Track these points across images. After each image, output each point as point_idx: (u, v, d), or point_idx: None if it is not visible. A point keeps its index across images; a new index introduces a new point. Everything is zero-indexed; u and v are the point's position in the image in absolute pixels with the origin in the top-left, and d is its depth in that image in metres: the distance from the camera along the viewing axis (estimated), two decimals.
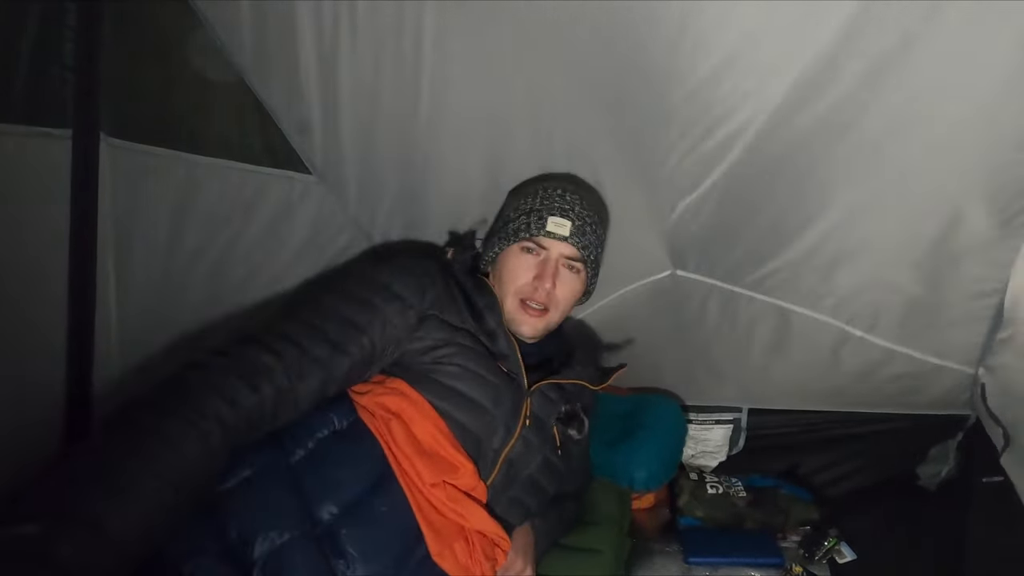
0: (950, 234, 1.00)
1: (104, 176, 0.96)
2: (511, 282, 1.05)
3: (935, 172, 0.94)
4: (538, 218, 1.03)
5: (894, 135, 0.91)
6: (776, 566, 1.26)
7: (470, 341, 0.99)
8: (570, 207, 1.05)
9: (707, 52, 0.85)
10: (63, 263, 0.96)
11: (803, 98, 0.88)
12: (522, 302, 1.05)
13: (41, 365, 0.98)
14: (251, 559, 0.77)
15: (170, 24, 0.96)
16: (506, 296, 1.06)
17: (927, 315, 1.16)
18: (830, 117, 0.90)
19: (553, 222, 1.03)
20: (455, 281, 1.06)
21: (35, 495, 0.63)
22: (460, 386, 0.95)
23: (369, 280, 0.97)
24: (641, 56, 0.88)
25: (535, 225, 1.03)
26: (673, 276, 1.28)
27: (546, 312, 1.06)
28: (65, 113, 0.90)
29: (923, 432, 1.47)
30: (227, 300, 1.16)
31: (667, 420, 1.46)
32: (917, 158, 0.93)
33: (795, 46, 0.83)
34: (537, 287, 1.03)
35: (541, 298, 1.04)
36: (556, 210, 1.04)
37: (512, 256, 1.06)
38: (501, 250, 1.07)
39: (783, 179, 1.00)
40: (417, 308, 0.96)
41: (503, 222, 1.09)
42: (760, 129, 0.93)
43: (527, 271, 1.04)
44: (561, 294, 1.06)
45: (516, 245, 1.05)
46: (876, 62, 0.82)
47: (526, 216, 1.04)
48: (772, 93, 0.88)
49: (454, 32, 0.93)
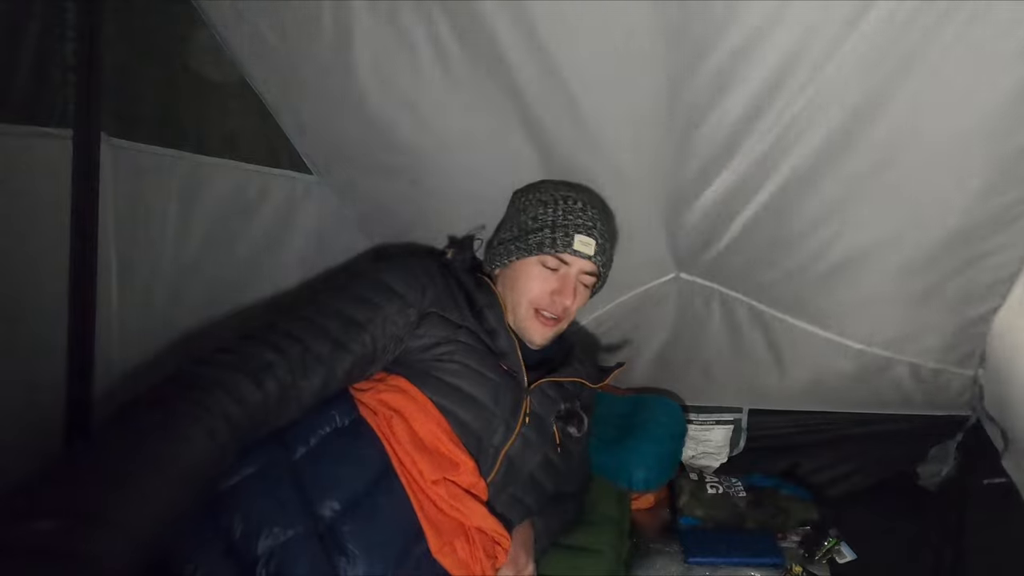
0: (951, 243, 1.01)
1: (105, 176, 0.95)
2: (527, 292, 1.05)
3: (936, 183, 0.94)
4: (564, 235, 1.03)
5: (897, 146, 0.91)
6: (776, 566, 1.26)
7: (470, 339, 1.00)
8: (593, 225, 1.05)
9: (712, 62, 0.85)
10: (63, 263, 0.95)
11: (810, 111, 0.88)
12: (536, 311, 1.06)
13: (41, 365, 0.97)
14: (255, 555, 0.78)
15: (171, 24, 0.96)
16: (519, 304, 1.06)
17: (926, 324, 1.16)
18: (835, 129, 0.90)
19: (580, 241, 1.03)
20: (455, 280, 1.06)
21: (46, 492, 0.63)
22: (461, 383, 0.96)
23: (370, 279, 0.97)
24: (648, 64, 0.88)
25: (561, 242, 1.03)
26: (677, 279, 1.28)
27: (558, 322, 1.07)
28: (66, 113, 0.90)
29: (923, 432, 1.47)
30: (228, 300, 1.16)
31: (667, 420, 1.46)
32: (919, 169, 0.93)
33: (801, 55, 0.83)
34: (555, 301, 1.05)
35: (557, 311, 1.05)
36: (582, 228, 1.04)
37: (531, 266, 1.06)
38: (519, 259, 1.07)
39: (787, 189, 1.00)
40: (417, 306, 0.97)
41: (521, 230, 1.07)
42: (767, 140, 0.93)
43: (546, 283, 1.05)
44: (574, 307, 1.07)
45: (537, 257, 1.05)
46: (879, 75, 0.82)
47: (551, 231, 1.04)
48: (778, 104, 0.88)
49: (454, 32, 0.93)
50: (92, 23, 0.89)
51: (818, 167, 0.95)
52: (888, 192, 0.97)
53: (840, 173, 0.95)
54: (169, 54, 0.97)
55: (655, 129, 0.97)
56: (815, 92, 0.85)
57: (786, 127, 0.90)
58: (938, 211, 0.98)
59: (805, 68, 0.83)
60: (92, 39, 0.89)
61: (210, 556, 0.76)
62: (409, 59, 0.97)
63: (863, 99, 0.85)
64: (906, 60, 0.80)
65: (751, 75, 0.85)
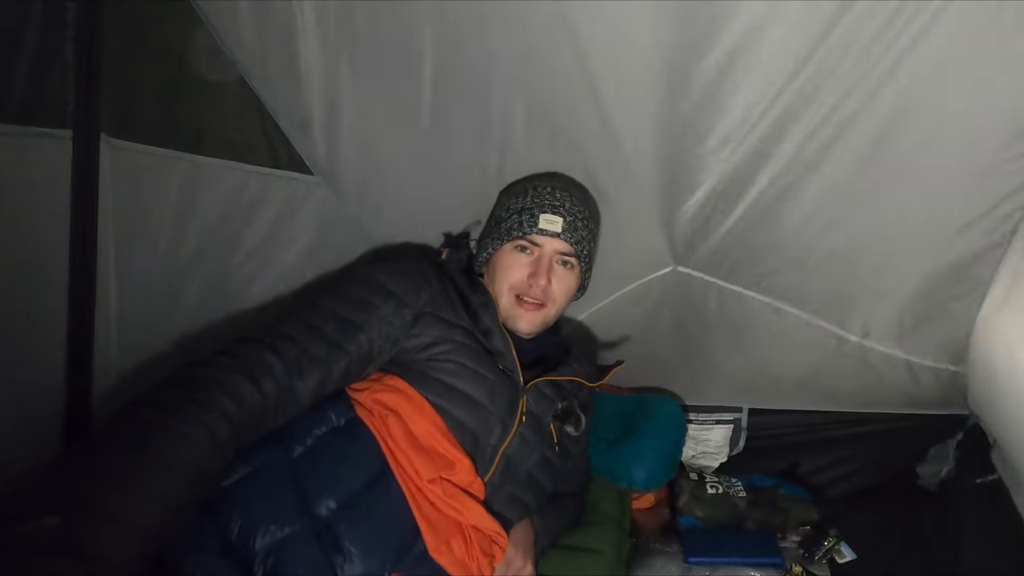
0: (947, 236, 1.01)
1: (105, 176, 0.95)
2: (505, 280, 1.06)
3: (932, 175, 0.94)
4: (529, 216, 1.04)
5: (893, 136, 0.91)
6: (776, 566, 1.26)
7: (466, 338, 1.00)
8: (560, 203, 1.06)
9: (711, 55, 0.85)
10: (63, 263, 0.95)
11: (805, 99, 0.88)
12: (517, 297, 1.06)
13: (41, 365, 0.97)
14: (252, 553, 0.78)
15: (171, 24, 0.96)
16: (501, 293, 1.07)
17: (922, 318, 1.16)
18: (831, 118, 0.90)
19: (545, 219, 1.04)
20: (450, 280, 1.07)
21: (50, 490, 0.63)
22: (457, 383, 0.96)
23: (365, 280, 0.99)
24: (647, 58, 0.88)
25: (527, 223, 1.04)
26: (675, 272, 1.29)
27: (543, 307, 1.07)
28: (65, 113, 0.90)
29: (923, 432, 1.47)
30: (228, 301, 1.16)
31: (667, 420, 1.46)
32: (913, 160, 0.93)
33: (796, 47, 0.83)
34: (532, 284, 1.05)
35: (537, 295, 1.05)
36: (547, 207, 1.05)
37: (505, 255, 1.07)
38: (495, 250, 1.08)
39: (784, 179, 1.00)
40: (413, 306, 0.98)
41: (495, 222, 1.10)
42: (763, 131, 0.93)
43: (521, 269, 1.05)
44: (557, 290, 1.07)
45: (509, 244, 1.06)
46: (874, 62, 0.83)
47: (518, 215, 1.05)
48: (775, 95, 0.88)
49: (454, 32, 0.93)
50: (92, 23, 0.88)
51: (815, 158, 0.95)
52: (884, 186, 0.97)
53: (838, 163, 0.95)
54: (169, 54, 0.97)
55: (655, 120, 0.98)
56: (810, 82, 0.86)
57: (784, 117, 0.91)
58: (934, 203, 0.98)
59: (803, 56, 0.83)
60: (92, 39, 0.89)
61: (208, 554, 0.77)
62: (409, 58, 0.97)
63: (861, 83, 0.85)
64: (904, 44, 0.80)
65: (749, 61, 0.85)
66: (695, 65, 0.87)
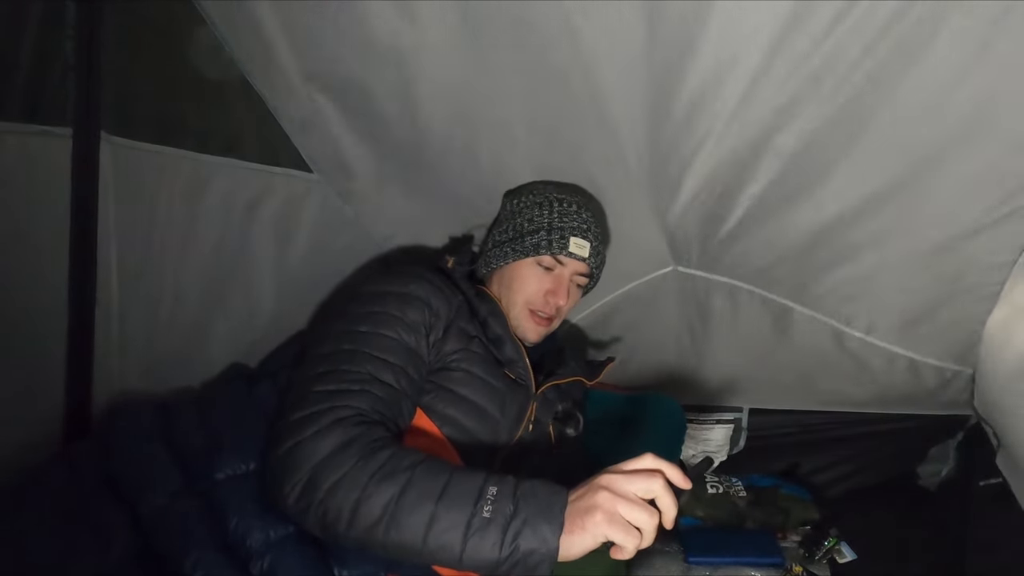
0: (954, 236, 1.00)
1: (105, 175, 0.95)
2: (522, 292, 1.07)
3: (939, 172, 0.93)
4: (560, 237, 1.05)
5: (897, 135, 0.90)
6: (776, 566, 1.26)
7: (480, 348, 1.01)
8: (588, 227, 1.07)
9: (710, 51, 0.84)
10: (63, 263, 0.95)
11: (808, 94, 0.87)
12: (531, 311, 1.08)
13: (40, 364, 0.97)
14: (248, 552, 0.79)
15: (172, 22, 0.95)
16: (514, 305, 1.08)
17: (927, 316, 1.15)
18: (835, 115, 0.89)
19: (575, 243, 1.05)
20: (459, 289, 1.07)
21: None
22: (467, 392, 0.97)
23: (408, 300, 0.97)
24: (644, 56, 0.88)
25: (556, 244, 1.05)
26: (675, 272, 1.28)
27: (551, 321, 1.10)
28: (65, 111, 0.90)
29: (923, 432, 1.47)
30: (229, 299, 1.16)
31: (667, 419, 1.45)
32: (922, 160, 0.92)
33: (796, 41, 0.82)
34: (549, 301, 1.07)
35: (551, 311, 1.08)
36: (577, 231, 1.06)
37: (525, 268, 1.08)
38: (514, 260, 1.08)
39: (786, 176, 1.00)
40: (445, 319, 1.00)
41: (516, 232, 1.09)
42: (763, 127, 0.93)
43: (541, 283, 1.07)
44: (567, 306, 1.10)
45: (533, 259, 1.07)
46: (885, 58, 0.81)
47: (547, 233, 1.05)
48: (776, 90, 0.87)
49: (453, 32, 0.92)
50: (92, 23, 0.88)
51: (816, 154, 0.94)
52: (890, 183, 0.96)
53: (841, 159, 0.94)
54: (169, 54, 0.97)
55: (649, 119, 0.97)
56: (815, 75, 0.84)
57: (786, 113, 0.90)
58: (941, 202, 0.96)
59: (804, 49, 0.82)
60: (92, 39, 0.89)
61: (207, 553, 0.77)
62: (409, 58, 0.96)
63: (863, 75, 0.83)
64: (906, 39, 0.79)
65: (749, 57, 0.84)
66: (692, 63, 0.86)
